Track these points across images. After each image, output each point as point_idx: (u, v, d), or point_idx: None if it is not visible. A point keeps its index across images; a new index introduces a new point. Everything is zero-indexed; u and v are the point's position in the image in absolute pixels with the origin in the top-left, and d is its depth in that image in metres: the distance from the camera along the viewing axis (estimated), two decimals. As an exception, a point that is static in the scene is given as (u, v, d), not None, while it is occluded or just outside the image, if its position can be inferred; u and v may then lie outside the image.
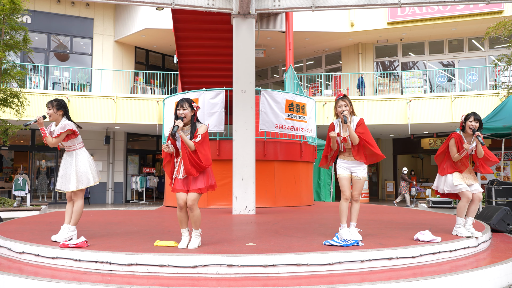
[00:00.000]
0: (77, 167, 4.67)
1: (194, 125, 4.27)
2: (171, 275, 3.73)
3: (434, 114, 15.17)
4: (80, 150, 4.77)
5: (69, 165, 4.70)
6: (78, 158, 4.72)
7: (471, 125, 4.97)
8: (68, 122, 4.68)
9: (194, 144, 4.17)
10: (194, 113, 4.29)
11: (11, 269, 3.98)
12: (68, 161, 4.73)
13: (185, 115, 4.20)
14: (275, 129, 9.56)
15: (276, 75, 21.79)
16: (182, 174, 4.26)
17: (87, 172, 4.69)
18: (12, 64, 12.19)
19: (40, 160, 18.30)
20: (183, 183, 4.27)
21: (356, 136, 4.59)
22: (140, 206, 16.34)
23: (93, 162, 4.84)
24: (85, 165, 4.70)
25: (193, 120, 4.28)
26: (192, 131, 4.25)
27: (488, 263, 4.26)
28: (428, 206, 12.94)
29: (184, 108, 4.22)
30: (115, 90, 17.47)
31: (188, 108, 4.23)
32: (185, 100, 4.26)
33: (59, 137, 4.64)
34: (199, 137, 4.20)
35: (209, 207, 9.34)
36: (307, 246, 4.24)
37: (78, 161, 4.70)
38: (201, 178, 4.25)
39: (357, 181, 4.69)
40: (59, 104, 4.73)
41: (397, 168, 21.33)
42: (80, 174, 4.66)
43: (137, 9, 17.33)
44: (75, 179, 4.63)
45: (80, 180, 4.66)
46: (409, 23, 16.70)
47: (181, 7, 7.77)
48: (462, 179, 5.05)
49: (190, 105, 4.25)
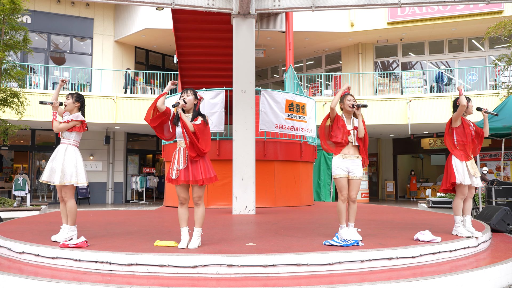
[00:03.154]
0: (64, 162, 4.66)
1: (196, 113, 4.37)
2: (171, 275, 3.73)
3: (434, 114, 15.17)
4: (72, 147, 4.76)
5: (59, 158, 4.69)
6: (68, 154, 4.70)
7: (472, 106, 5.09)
8: (81, 115, 4.82)
9: (193, 126, 4.24)
10: (197, 102, 4.41)
11: (11, 269, 3.98)
12: (58, 154, 4.72)
13: (188, 101, 4.30)
14: (275, 129, 9.56)
15: (276, 75, 21.79)
16: (182, 164, 4.28)
17: (71, 170, 4.66)
18: (12, 64, 12.19)
19: (40, 160, 18.30)
20: (184, 174, 4.27)
21: (363, 128, 4.72)
22: (140, 206, 16.34)
23: (81, 163, 4.76)
24: (72, 163, 4.67)
25: (195, 109, 4.39)
26: (193, 117, 4.34)
27: (488, 263, 4.26)
28: (428, 206, 12.95)
29: (188, 95, 4.35)
30: (115, 90, 17.47)
31: (192, 95, 4.37)
32: (189, 89, 4.43)
33: (68, 124, 4.71)
34: (198, 121, 4.30)
35: (209, 207, 9.34)
36: (307, 246, 4.24)
37: (67, 157, 4.68)
38: (201, 168, 4.28)
39: (355, 181, 4.68)
40: (78, 96, 4.91)
41: (397, 168, 21.34)
42: (64, 169, 4.64)
43: (137, 9, 17.33)
44: (59, 174, 4.63)
45: (65, 176, 4.64)
46: (409, 23, 16.69)
47: (181, 7, 7.78)
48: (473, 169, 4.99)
49: (194, 93, 4.39)
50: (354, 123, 4.76)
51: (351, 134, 4.68)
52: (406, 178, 21.92)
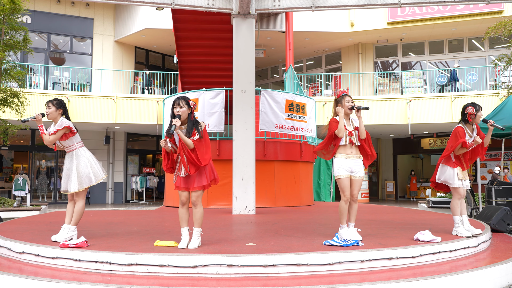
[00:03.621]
0: (78, 167, 4.67)
1: (191, 124, 4.25)
2: (171, 275, 3.73)
3: (434, 114, 15.17)
4: (79, 150, 4.77)
5: (70, 166, 4.71)
6: (79, 158, 4.72)
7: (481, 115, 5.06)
8: (66, 120, 4.70)
9: (192, 142, 4.17)
10: (191, 111, 4.27)
11: (11, 269, 3.98)
12: (69, 162, 4.74)
13: (181, 113, 4.18)
14: (275, 129, 9.56)
15: (276, 75, 21.78)
16: (183, 172, 4.27)
17: (88, 171, 4.69)
18: (12, 64, 12.19)
19: (40, 160, 18.30)
20: (185, 181, 4.28)
21: (364, 129, 4.75)
22: (140, 206, 16.34)
23: (94, 160, 4.81)
24: (85, 165, 4.70)
25: (190, 118, 4.26)
26: (189, 129, 4.23)
27: (488, 263, 4.26)
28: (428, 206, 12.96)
29: (180, 106, 4.20)
30: (115, 90, 17.47)
31: (185, 105, 4.21)
32: (182, 98, 4.24)
33: (56, 135, 4.63)
34: (197, 135, 4.19)
35: (209, 207, 9.34)
36: (307, 246, 4.24)
37: (79, 162, 4.70)
38: (203, 174, 4.27)
39: (357, 180, 4.72)
40: (59, 103, 4.76)
41: (397, 168, 21.33)
42: (81, 174, 4.66)
43: (137, 9, 17.32)
44: (76, 180, 4.64)
45: (82, 180, 4.66)
46: (409, 23, 16.69)
47: (181, 7, 7.78)
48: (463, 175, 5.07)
49: (186, 103, 4.23)
50: (355, 123, 4.79)
51: (353, 134, 4.71)
52: (406, 178, 21.93)
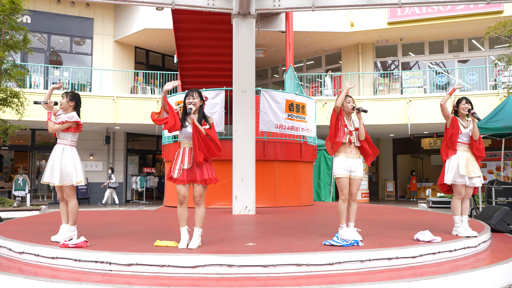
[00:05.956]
0: (62, 163, 4.65)
1: (201, 115, 4.43)
2: (171, 275, 3.73)
3: (434, 114, 15.15)
4: (70, 148, 4.73)
5: (57, 159, 4.67)
6: (65, 155, 4.68)
7: (465, 107, 5.09)
8: (77, 116, 4.75)
9: (205, 130, 4.32)
10: (203, 103, 4.48)
11: (11, 269, 3.98)
12: (56, 155, 4.69)
13: (194, 104, 4.37)
14: (275, 129, 9.56)
15: (276, 75, 21.78)
16: (187, 163, 4.31)
17: (71, 170, 4.65)
18: (12, 64, 12.19)
19: (40, 160, 18.30)
20: (187, 174, 4.30)
21: (364, 131, 4.80)
22: (140, 206, 16.34)
23: (79, 163, 4.76)
24: (70, 164, 4.66)
25: (201, 110, 4.45)
26: (199, 120, 4.40)
27: (488, 263, 4.26)
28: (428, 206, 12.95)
29: (194, 98, 4.41)
30: (115, 90, 17.47)
31: (198, 97, 4.43)
32: (195, 90, 4.48)
33: (63, 125, 4.67)
34: (208, 125, 4.38)
35: (209, 207, 9.34)
36: (307, 246, 4.24)
37: (64, 158, 4.66)
38: (205, 169, 4.36)
39: (356, 180, 4.75)
40: (73, 95, 4.84)
41: (397, 168, 21.33)
42: (63, 170, 4.63)
43: (137, 9, 17.32)
44: (59, 175, 4.62)
45: (64, 177, 4.63)
46: (409, 23, 16.69)
47: (181, 7, 7.78)
48: (466, 169, 5.01)
49: (199, 95, 4.46)
50: (355, 124, 4.84)
51: (353, 134, 4.74)
52: (406, 178, 21.92)
